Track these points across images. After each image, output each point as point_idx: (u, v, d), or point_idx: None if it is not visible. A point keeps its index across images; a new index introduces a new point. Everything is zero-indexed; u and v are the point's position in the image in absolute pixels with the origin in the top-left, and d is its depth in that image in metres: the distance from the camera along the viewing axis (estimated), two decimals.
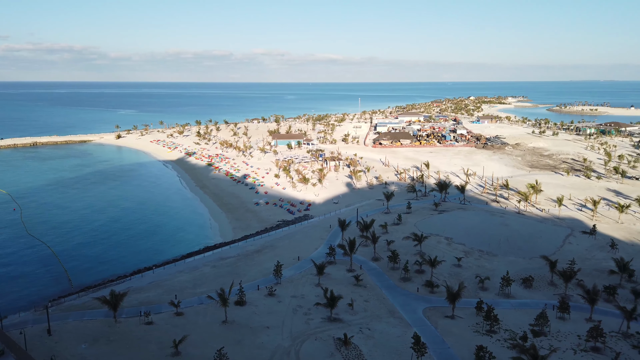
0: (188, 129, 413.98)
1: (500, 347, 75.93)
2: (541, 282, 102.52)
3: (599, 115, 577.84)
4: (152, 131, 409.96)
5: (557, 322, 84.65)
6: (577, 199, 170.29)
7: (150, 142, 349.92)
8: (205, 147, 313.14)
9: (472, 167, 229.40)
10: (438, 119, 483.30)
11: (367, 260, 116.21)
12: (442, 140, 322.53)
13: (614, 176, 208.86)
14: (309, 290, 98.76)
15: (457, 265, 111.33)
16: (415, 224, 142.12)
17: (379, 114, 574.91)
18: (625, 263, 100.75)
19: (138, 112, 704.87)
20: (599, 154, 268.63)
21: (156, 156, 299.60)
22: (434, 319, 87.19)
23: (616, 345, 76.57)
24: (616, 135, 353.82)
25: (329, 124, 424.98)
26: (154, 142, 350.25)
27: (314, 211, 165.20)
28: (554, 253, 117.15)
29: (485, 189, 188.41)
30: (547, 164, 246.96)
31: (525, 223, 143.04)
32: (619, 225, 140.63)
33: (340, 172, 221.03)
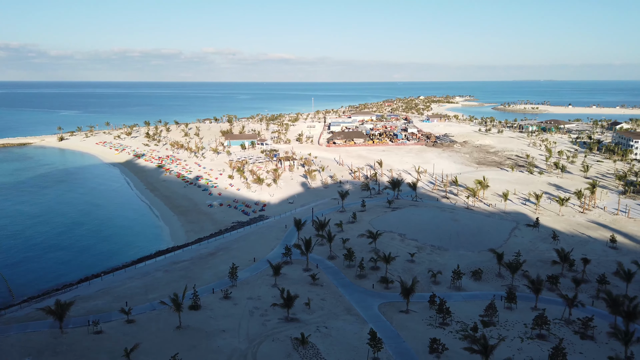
0: (136, 130, 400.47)
1: (452, 339, 78.35)
2: (490, 274, 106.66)
3: (540, 113, 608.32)
4: (97, 132, 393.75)
5: (505, 312, 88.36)
6: (522, 194, 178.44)
7: (96, 144, 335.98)
8: (155, 149, 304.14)
9: (423, 164, 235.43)
10: (390, 118, 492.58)
11: (324, 259, 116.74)
12: (394, 139, 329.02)
13: (555, 171, 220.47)
14: (266, 291, 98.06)
15: (410, 261, 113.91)
16: (370, 222, 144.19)
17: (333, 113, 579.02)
18: (566, 253, 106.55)
19: (82, 113, 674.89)
20: (541, 150, 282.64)
21: (103, 159, 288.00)
22: (389, 314, 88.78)
23: (559, 331, 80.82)
24: (556, 132, 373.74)
25: (282, 123, 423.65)
26: (100, 143, 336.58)
27: (270, 211, 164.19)
28: (501, 246, 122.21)
29: (436, 186, 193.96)
30: (493, 161, 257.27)
31: (473, 218, 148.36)
32: (560, 218, 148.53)
33: (295, 171, 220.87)
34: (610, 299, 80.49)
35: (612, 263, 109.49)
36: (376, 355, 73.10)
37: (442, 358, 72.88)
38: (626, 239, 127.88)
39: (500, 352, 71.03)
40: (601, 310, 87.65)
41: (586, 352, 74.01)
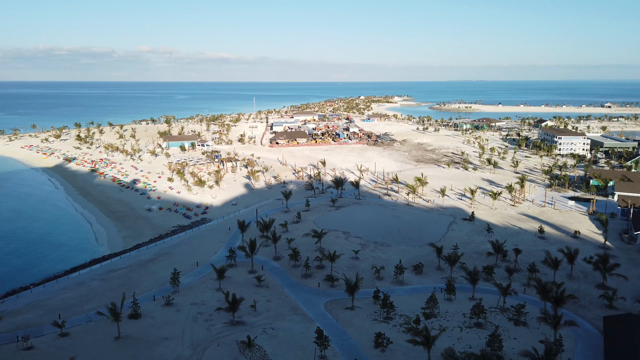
0: (66, 132, 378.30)
1: (396, 332, 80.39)
2: (430, 268, 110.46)
3: (473, 112, 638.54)
4: (22, 136, 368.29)
5: (445, 303, 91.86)
6: (458, 189, 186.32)
7: (21, 148, 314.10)
8: (88, 152, 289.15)
9: (365, 163, 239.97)
10: (332, 118, 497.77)
11: (269, 260, 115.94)
12: (337, 139, 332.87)
13: (488, 167, 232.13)
14: (210, 296, 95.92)
15: (354, 258, 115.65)
16: (314, 221, 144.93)
17: (275, 113, 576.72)
18: (500, 245, 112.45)
19: (5, 115, 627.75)
20: (474, 147, 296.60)
21: (29, 163, 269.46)
22: (335, 311, 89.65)
23: (495, 319, 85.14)
24: (488, 130, 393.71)
25: (224, 124, 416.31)
26: (26, 147, 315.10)
27: (212, 214, 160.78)
28: (440, 240, 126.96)
29: (378, 184, 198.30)
30: (431, 158, 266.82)
31: (414, 214, 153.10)
32: (493, 211, 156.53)
33: (238, 173, 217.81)
34: (540, 286, 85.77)
35: (540, 252, 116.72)
36: (323, 353, 73.58)
37: (387, 352, 74.60)
38: (553, 229, 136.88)
39: (442, 342, 73.72)
40: (532, 297, 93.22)
41: (520, 338, 78.41)
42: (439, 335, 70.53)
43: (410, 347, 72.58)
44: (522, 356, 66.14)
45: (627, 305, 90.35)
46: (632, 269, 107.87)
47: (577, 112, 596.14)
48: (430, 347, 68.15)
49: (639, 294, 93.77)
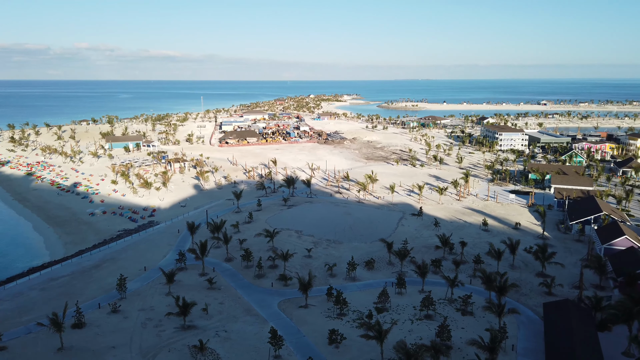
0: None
1: (350, 328, 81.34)
2: (381, 263, 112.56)
3: (419, 110, 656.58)
4: None
5: (397, 297, 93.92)
6: (406, 185, 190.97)
7: None
8: (23, 155, 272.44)
9: (316, 161, 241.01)
10: (282, 117, 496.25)
11: (220, 262, 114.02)
12: (287, 137, 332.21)
13: (434, 163, 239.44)
14: (159, 301, 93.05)
15: (307, 256, 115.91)
16: (267, 220, 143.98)
17: (224, 112, 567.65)
18: (447, 238, 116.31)
19: None
20: (421, 144, 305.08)
21: None
22: (289, 310, 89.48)
23: (444, 310, 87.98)
24: (433, 127, 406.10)
25: (170, 124, 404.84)
26: None
27: (160, 217, 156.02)
28: (390, 235, 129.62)
29: (329, 182, 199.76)
30: (380, 156, 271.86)
31: (365, 210, 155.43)
32: (440, 206, 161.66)
33: (187, 173, 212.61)
34: (485, 277, 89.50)
35: (485, 244, 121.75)
36: (277, 353, 73.26)
37: (341, 348, 75.32)
38: (496, 222, 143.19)
39: (394, 335, 75.31)
40: (478, 287, 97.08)
41: (467, 327, 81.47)
42: (390, 328, 72.03)
43: (364, 341, 73.68)
44: (470, 345, 68.69)
45: (564, 292, 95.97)
46: (568, 257, 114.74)
47: (516, 109, 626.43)
48: (382, 341, 69.45)
49: (575, 280, 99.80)
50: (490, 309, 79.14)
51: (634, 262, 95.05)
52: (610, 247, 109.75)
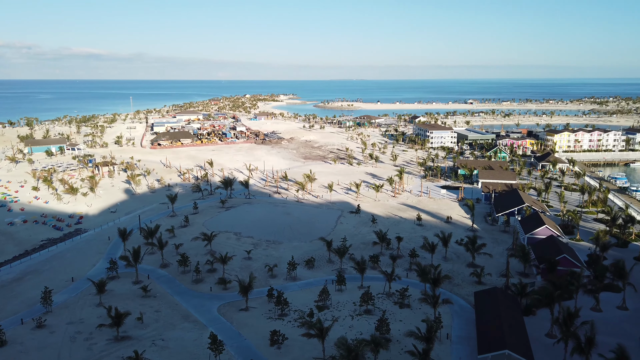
0: None
1: (291, 328, 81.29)
2: (321, 261, 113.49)
3: (355, 109, 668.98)
4: None
5: (337, 294, 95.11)
6: (344, 184, 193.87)
7: None
8: None
9: (254, 162, 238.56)
10: (218, 117, 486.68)
11: (156, 268, 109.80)
12: (224, 138, 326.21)
13: (370, 161, 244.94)
14: (90, 313, 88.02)
15: (247, 258, 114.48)
16: (204, 224, 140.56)
17: (155, 113, 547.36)
18: (384, 234, 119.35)
19: None
20: (357, 143, 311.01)
21: None
22: (229, 314, 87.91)
23: (382, 304, 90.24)
24: (369, 126, 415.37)
25: (97, 125, 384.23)
26: None
27: (88, 224, 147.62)
28: (329, 234, 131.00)
29: (268, 182, 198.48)
30: (318, 155, 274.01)
31: (304, 210, 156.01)
32: (377, 203, 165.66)
33: (116, 177, 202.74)
34: (420, 270, 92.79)
35: (419, 238, 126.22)
36: (218, 358, 71.71)
37: (283, 348, 75.10)
38: (429, 217, 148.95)
39: (335, 332, 76.16)
40: (414, 280, 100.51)
41: (405, 319, 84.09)
42: (331, 325, 72.81)
43: (306, 340, 73.90)
44: (407, 336, 70.94)
45: (493, 280, 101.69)
46: (495, 247, 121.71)
47: (445, 108, 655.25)
48: (324, 339, 70.05)
49: (502, 269, 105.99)
50: (426, 300, 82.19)
51: (554, 250, 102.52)
52: (533, 236, 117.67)
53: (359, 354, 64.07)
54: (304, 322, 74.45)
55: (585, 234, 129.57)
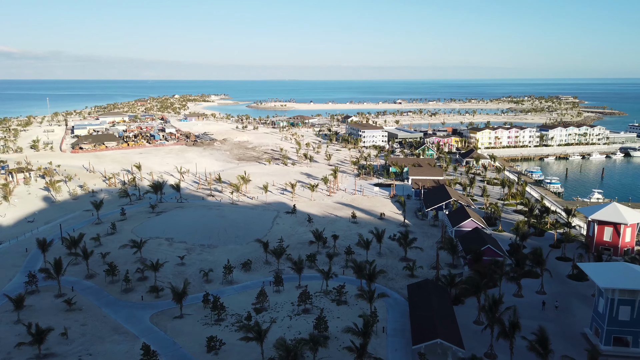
0: None
1: (229, 332, 79.78)
2: (258, 263, 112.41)
3: (288, 110, 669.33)
4: None
5: (275, 295, 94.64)
6: (279, 184, 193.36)
7: None
8: None
9: (185, 164, 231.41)
10: (145, 119, 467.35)
11: (81, 280, 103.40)
12: (152, 140, 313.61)
13: (305, 161, 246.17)
14: (6, 331, 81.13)
15: (180, 264, 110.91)
16: (133, 230, 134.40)
17: (76, 115, 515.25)
18: (320, 233, 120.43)
19: None
20: (292, 143, 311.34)
21: None
22: (162, 323, 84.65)
23: (320, 302, 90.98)
24: (302, 126, 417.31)
25: (10, 129, 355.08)
26: None
27: (2, 235, 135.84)
28: (266, 235, 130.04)
29: (200, 185, 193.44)
30: (252, 156, 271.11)
31: (239, 212, 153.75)
32: (313, 202, 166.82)
33: (33, 184, 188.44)
34: (356, 266, 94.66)
35: (354, 235, 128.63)
36: None
37: (221, 353, 73.51)
38: (363, 214, 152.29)
39: (273, 334, 75.71)
40: (350, 277, 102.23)
41: (342, 316, 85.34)
42: (270, 327, 72.36)
43: (244, 344, 72.82)
44: (345, 332, 72.05)
45: (424, 273, 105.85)
46: (425, 241, 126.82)
47: (376, 108, 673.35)
48: (262, 341, 69.40)
49: (433, 261, 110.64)
50: (362, 296, 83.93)
51: (479, 241, 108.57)
52: (460, 229, 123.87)
53: (298, 353, 64.17)
54: (242, 325, 73.33)
55: (506, 225, 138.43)
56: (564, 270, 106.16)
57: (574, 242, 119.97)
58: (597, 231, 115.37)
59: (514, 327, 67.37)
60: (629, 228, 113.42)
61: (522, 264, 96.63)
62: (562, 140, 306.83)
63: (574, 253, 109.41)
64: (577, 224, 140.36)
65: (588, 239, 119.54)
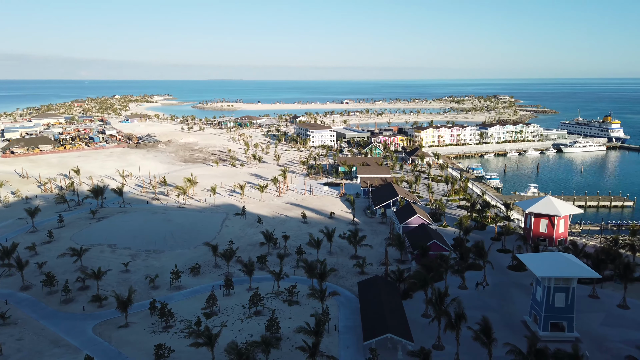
0: None
1: (178, 339, 77.58)
2: (207, 267, 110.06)
3: (235, 110, 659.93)
4: None
5: (225, 299, 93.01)
6: (228, 186, 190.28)
7: None
8: None
9: (127, 167, 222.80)
10: (83, 120, 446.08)
11: (15, 292, 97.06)
12: (91, 143, 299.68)
13: (254, 162, 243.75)
14: None
15: (125, 271, 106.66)
16: (72, 238, 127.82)
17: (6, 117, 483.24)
18: (270, 234, 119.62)
19: None
20: (240, 144, 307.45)
21: None
22: (106, 333, 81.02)
23: (272, 304, 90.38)
24: (250, 127, 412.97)
25: None
26: None
27: None
28: (214, 238, 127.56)
29: (145, 188, 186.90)
30: (199, 157, 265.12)
31: (186, 215, 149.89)
32: (262, 203, 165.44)
33: None
34: (307, 266, 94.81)
35: (305, 235, 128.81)
36: None
37: None
38: (314, 213, 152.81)
39: (224, 338, 74.38)
40: (301, 277, 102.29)
41: (294, 316, 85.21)
42: (220, 332, 71.03)
43: (194, 350, 71.04)
44: (297, 332, 71.91)
45: (374, 269, 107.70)
46: (374, 238, 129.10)
47: (324, 108, 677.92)
48: (213, 346, 67.97)
49: (382, 258, 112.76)
50: (314, 295, 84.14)
51: (425, 236, 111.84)
52: (407, 225, 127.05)
53: (250, 356, 63.46)
54: (191, 331, 71.53)
55: (450, 219, 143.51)
56: (504, 262, 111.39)
57: (513, 235, 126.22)
58: (533, 223, 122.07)
59: (459, 318, 69.88)
60: (562, 219, 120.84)
61: (465, 257, 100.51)
62: (501, 137, 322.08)
63: (513, 245, 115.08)
64: (516, 217, 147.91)
65: (526, 231, 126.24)
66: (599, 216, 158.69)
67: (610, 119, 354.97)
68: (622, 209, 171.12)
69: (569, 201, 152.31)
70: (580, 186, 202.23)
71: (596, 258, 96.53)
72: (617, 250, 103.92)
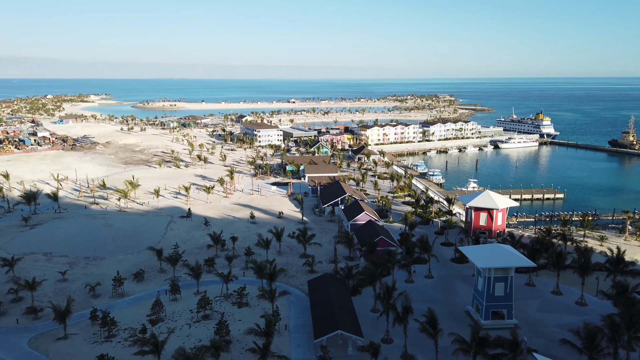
0: None
1: (122, 348, 74.52)
2: (152, 272, 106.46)
3: (178, 110, 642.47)
4: None
5: (172, 304, 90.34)
6: (172, 188, 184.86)
7: None
8: None
9: (63, 171, 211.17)
10: (12, 122, 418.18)
11: None
12: (21, 146, 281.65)
13: (199, 163, 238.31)
14: None
15: (62, 280, 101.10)
16: (2, 247, 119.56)
17: None
18: (218, 236, 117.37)
19: None
20: (184, 145, 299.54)
21: None
22: (43, 346, 76.43)
23: (221, 307, 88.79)
24: (195, 127, 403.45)
25: None
26: None
27: None
28: (159, 242, 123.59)
29: (82, 192, 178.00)
30: (140, 159, 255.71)
31: (128, 219, 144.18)
32: (209, 205, 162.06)
33: None
34: (256, 267, 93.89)
35: (254, 236, 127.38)
36: None
37: None
38: (262, 214, 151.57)
39: (172, 344, 72.17)
40: (251, 278, 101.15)
41: (244, 318, 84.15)
42: (167, 338, 68.93)
43: (140, 359, 68.45)
44: (248, 334, 71.13)
45: (324, 267, 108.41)
46: (323, 236, 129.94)
47: (270, 107, 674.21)
48: (159, 353, 65.84)
49: (331, 255, 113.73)
50: (264, 296, 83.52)
51: (372, 233, 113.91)
52: (355, 222, 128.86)
53: None
54: (136, 339, 69.01)
55: (396, 215, 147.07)
56: (448, 255, 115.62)
57: (455, 228, 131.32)
58: (474, 217, 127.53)
59: (406, 312, 71.75)
60: (500, 212, 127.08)
61: (411, 252, 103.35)
62: (442, 135, 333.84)
63: (455, 238, 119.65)
64: (458, 211, 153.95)
65: (467, 225, 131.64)
66: (533, 208, 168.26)
67: (541, 117, 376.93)
68: (554, 200, 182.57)
69: (505, 195, 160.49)
70: (516, 180, 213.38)
71: (531, 248, 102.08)
72: (550, 240, 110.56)
